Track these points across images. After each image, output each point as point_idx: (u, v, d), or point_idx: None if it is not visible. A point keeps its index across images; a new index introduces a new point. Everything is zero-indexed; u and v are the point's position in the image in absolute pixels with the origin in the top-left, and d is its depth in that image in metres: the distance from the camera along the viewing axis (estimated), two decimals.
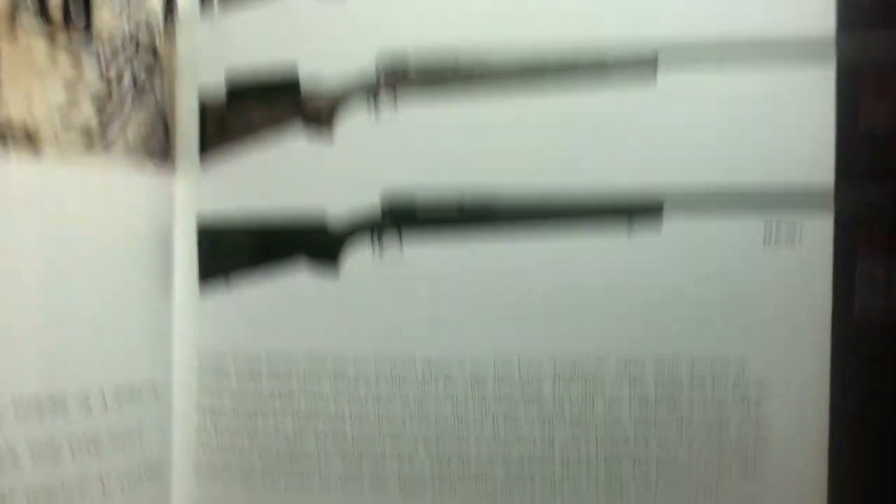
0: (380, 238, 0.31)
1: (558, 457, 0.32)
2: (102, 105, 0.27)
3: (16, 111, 0.25)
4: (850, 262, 0.29)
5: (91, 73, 0.27)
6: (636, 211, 0.30)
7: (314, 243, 0.32)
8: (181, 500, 0.33)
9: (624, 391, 0.31)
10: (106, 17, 0.27)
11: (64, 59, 0.26)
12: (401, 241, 0.31)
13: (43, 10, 0.26)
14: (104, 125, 0.27)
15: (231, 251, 0.32)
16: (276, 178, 0.32)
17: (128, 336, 0.31)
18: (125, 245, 0.30)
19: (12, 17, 0.25)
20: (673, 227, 0.30)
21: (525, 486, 0.32)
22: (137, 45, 0.28)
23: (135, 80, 0.28)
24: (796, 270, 0.30)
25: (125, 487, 0.30)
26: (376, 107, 0.31)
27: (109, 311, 0.30)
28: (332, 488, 0.33)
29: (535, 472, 0.32)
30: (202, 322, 0.33)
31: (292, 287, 0.32)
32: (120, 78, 0.27)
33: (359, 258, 0.32)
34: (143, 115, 0.29)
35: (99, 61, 0.27)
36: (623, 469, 0.32)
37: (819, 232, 0.30)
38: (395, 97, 0.31)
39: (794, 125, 0.30)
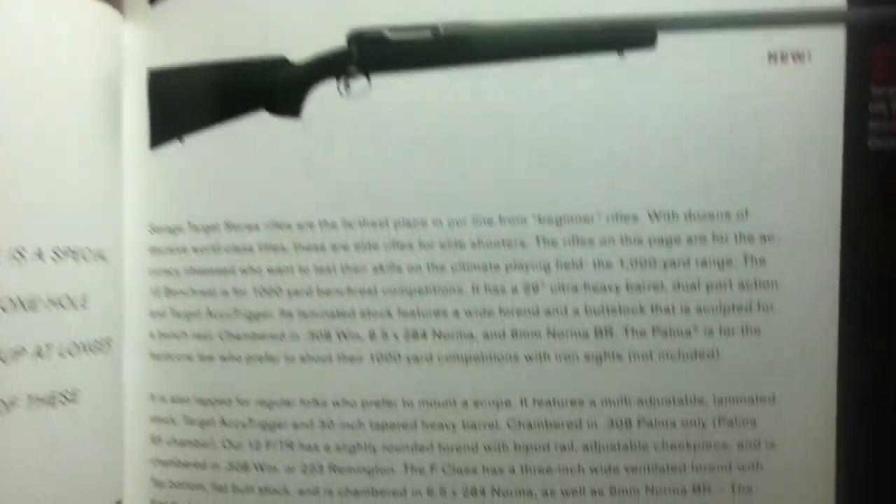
0: (346, 80, 0.29)
1: (544, 328, 0.29)
2: None
3: None
4: (864, 86, 0.27)
5: None
6: (626, 40, 0.27)
7: (275, 90, 0.29)
8: (134, 380, 0.31)
9: (615, 252, 0.29)
10: None
11: None
12: (369, 81, 0.29)
13: None
14: None
15: (185, 107, 0.30)
16: (232, 23, 0.29)
17: (70, 196, 0.28)
18: (67, 86, 0.27)
19: None
20: (667, 49, 0.28)
21: (508, 361, 0.29)
22: None
23: None
24: (803, 95, 0.27)
25: (65, 356, 0.27)
26: None
27: (46, 160, 0.27)
28: (297, 367, 0.30)
29: (518, 346, 0.29)
30: (154, 189, 0.30)
31: (253, 145, 0.30)
32: None
33: (324, 105, 0.29)
34: None
35: None
36: (616, 339, 0.29)
37: (829, 51, 0.27)
38: None
39: None
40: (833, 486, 0.28)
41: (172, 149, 0.30)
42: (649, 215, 0.28)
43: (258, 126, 0.30)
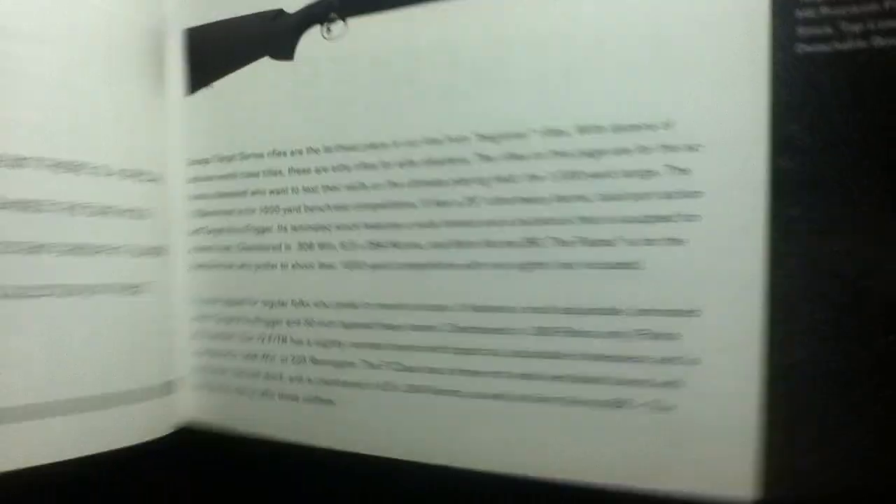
0: (328, 25, 0.34)
1: (481, 238, 0.31)
2: None
3: None
4: None
5: None
6: None
7: (275, 38, 0.35)
8: (178, 287, 0.38)
9: (545, 166, 0.30)
10: None
11: None
12: (346, 24, 0.33)
13: None
14: None
15: (215, 57, 0.37)
16: None
17: (130, 129, 0.36)
18: (118, 38, 0.35)
19: None
20: None
21: (448, 269, 0.32)
22: None
23: None
24: (728, 1, 0.27)
25: (135, 256, 0.35)
26: None
27: (107, 99, 0.35)
28: (290, 273, 0.35)
29: (458, 255, 0.31)
30: (191, 128, 0.38)
31: (258, 86, 0.36)
32: None
33: (310, 48, 0.34)
34: None
35: None
36: (543, 249, 0.30)
37: None
38: None
39: None
40: (756, 407, 0.27)
41: (203, 94, 0.37)
42: (578, 129, 0.29)
43: (261, 69, 0.36)
